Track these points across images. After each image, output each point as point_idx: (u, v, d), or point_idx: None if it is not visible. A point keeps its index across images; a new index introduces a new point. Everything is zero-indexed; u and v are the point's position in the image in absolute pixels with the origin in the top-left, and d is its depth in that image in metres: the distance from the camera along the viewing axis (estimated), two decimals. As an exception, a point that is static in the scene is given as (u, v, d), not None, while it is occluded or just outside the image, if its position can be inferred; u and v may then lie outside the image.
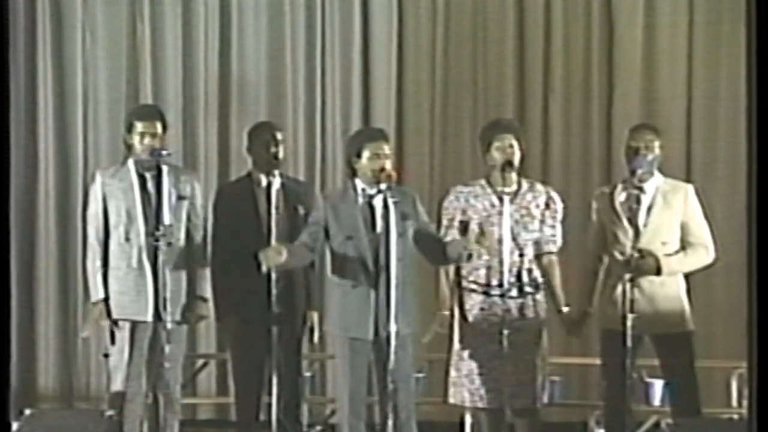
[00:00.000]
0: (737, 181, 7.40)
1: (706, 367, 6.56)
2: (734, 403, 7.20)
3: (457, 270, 6.03)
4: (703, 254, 6.12)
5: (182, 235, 6.18)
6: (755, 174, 3.19)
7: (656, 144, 6.13)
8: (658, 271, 5.98)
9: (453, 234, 5.99)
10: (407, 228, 5.88)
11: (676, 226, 6.09)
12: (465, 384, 5.98)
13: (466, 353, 5.97)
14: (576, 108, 8.00)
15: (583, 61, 7.99)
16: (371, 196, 5.80)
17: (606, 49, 7.98)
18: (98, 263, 6.14)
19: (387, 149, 5.90)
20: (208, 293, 6.29)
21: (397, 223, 5.78)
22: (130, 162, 6.19)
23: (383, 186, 5.77)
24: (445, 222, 6.06)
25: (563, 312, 6.06)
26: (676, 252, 6.06)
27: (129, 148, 6.22)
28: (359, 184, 5.87)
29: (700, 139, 7.91)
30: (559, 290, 6.07)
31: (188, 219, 6.24)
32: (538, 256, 6.02)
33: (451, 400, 6.08)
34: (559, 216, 6.08)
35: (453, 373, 6.05)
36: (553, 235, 6.05)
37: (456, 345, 6.01)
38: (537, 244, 6.02)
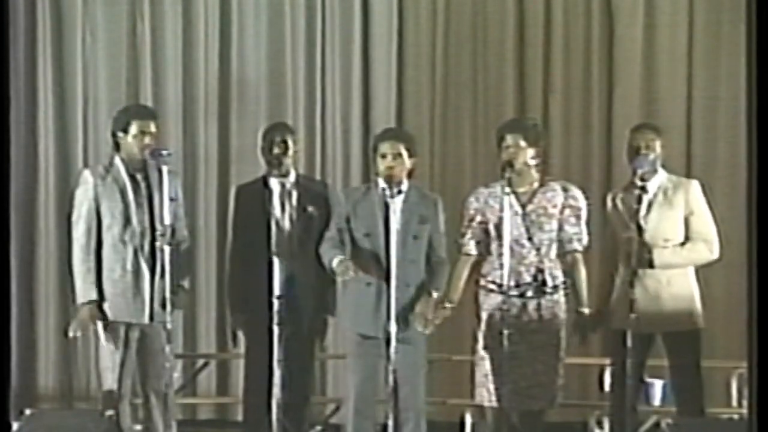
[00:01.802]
0: (737, 181, 7.40)
1: (706, 367, 6.55)
2: (734, 403, 7.21)
3: (478, 269, 6.03)
4: (703, 249, 6.11)
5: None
6: (755, 174, 3.19)
7: (657, 143, 6.15)
8: (650, 263, 5.98)
9: (471, 234, 6.03)
10: (424, 231, 5.89)
11: (678, 223, 6.10)
12: (483, 383, 5.97)
13: (483, 353, 5.97)
14: (576, 108, 8.01)
15: (583, 61, 7.99)
16: (389, 196, 5.80)
17: (606, 49, 7.99)
18: (90, 264, 6.09)
19: (401, 149, 5.93)
20: (187, 284, 6.30)
21: (414, 225, 5.82)
22: (118, 161, 6.13)
23: (404, 186, 5.83)
24: (465, 222, 6.07)
25: (583, 313, 6.01)
26: (674, 246, 6.07)
27: (118, 146, 6.16)
28: (380, 183, 5.90)
29: (700, 139, 7.91)
30: (583, 290, 6.01)
31: (174, 218, 6.20)
32: (563, 255, 6.00)
33: (476, 400, 6.04)
34: (583, 213, 6.04)
35: (477, 373, 6.03)
36: (576, 233, 6.01)
37: (479, 344, 6.01)
38: (560, 242, 5.99)
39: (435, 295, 5.94)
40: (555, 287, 5.96)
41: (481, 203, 6.04)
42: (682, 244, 6.10)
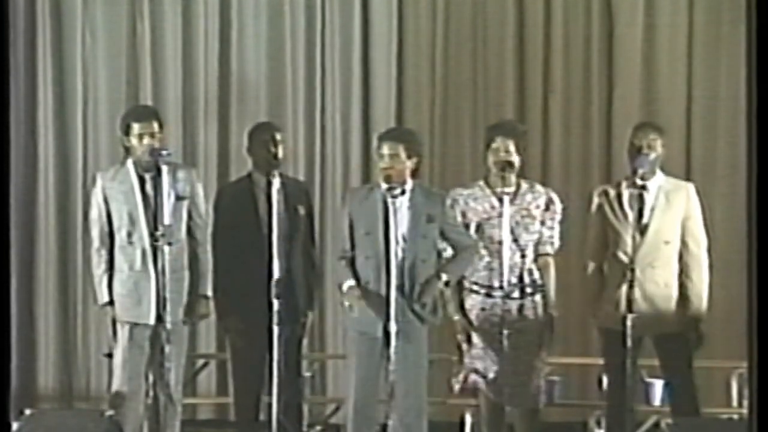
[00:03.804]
0: (737, 181, 7.40)
1: (706, 367, 6.57)
2: (734, 403, 7.21)
3: None
4: (702, 258, 6.15)
5: (183, 235, 6.17)
6: (755, 174, 3.19)
7: (659, 143, 6.15)
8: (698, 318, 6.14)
9: None
10: (432, 230, 5.89)
11: (677, 225, 6.12)
12: (471, 369, 5.99)
13: (470, 353, 5.97)
14: (576, 108, 8.00)
15: (583, 61, 7.99)
16: (391, 196, 5.79)
17: (606, 49, 7.98)
18: (104, 266, 6.14)
19: (399, 149, 5.90)
20: (210, 291, 6.29)
21: (422, 225, 5.82)
22: (130, 163, 6.17)
23: (408, 186, 5.82)
24: None
25: (551, 315, 6.04)
26: (687, 283, 6.12)
27: (127, 150, 6.21)
28: (383, 183, 5.88)
29: (700, 139, 7.91)
30: (552, 292, 6.05)
31: (189, 218, 6.22)
32: (535, 257, 6.02)
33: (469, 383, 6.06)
34: (558, 217, 6.09)
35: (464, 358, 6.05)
36: (551, 237, 6.06)
37: (464, 346, 6.01)
38: (536, 245, 6.02)
39: (444, 277, 5.92)
40: (537, 288, 5.98)
41: (462, 205, 6.04)
42: (682, 254, 6.10)
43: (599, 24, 7.98)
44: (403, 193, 5.83)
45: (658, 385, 7.10)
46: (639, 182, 6.01)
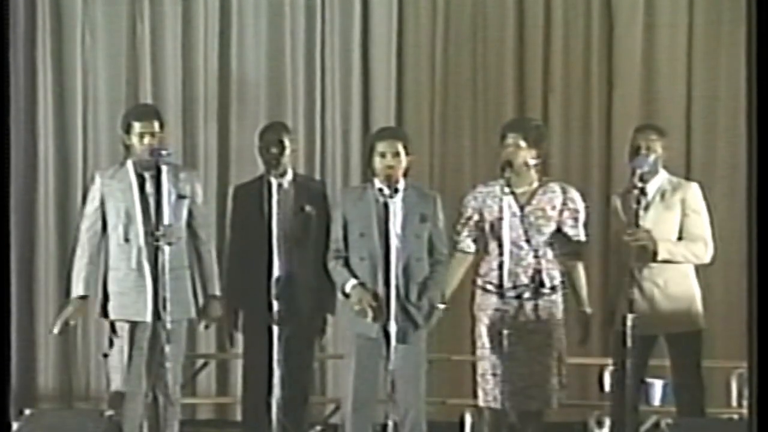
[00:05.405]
0: (737, 181, 7.41)
1: (706, 367, 6.56)
2: (734, 403, 7.21)
3: (476, 269, 6.03)
4: (700, 248, 6.11)
5: (183, 234, 6.18)
6: (755, 174, 3.19)
7: (658, 145, 6.16)
8: (654, 254, 5.98)
9: (467, 232, 6.02)
10: (425, 229, 5.89)
11: (674, 225, 6.11)
12: (480, 383, 5.97)
13: (480, 353, 5.97)
14: (576, 108, 8.00)
15: (583, 61, 7.99)
16: (388, 196, 5.78)
17: (606, 49, 7.99)
18: (85, 261, 6.10)
19: (399, 147, 5.91)
20: (218, 291, 6.31)
21: (415, 224, 5.82)
22: (129, 162, 6.18)
23: (401, 186, 5.82)
24: (462, 220, 6.06)
25: (585, 313, 6.02)
26: (675, 240, 6.07)
27: (128, 149, 6.21)
28: (377, 183, 5.88)
29: (700, 139, 7.91)
30: (583, 290, 6.03)
31: (191, 217, 6.23)
32: (561, 256, 5.99)
33: (478, 401, 6.04)
34: (581, 215, 6.03)
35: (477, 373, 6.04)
36: (576, 234, 6.00)
37: (477, 344, 6.00)
38: (559, 244, 5.98)
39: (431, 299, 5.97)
40: (552, 288, 5.95)
41: (479, 202, 6.03)
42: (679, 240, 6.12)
43: (599, 24, 7.99)
44: (396, 192, 5.82)
45: (658, 385, 7.10)
46: (638, 184, 6.00)
